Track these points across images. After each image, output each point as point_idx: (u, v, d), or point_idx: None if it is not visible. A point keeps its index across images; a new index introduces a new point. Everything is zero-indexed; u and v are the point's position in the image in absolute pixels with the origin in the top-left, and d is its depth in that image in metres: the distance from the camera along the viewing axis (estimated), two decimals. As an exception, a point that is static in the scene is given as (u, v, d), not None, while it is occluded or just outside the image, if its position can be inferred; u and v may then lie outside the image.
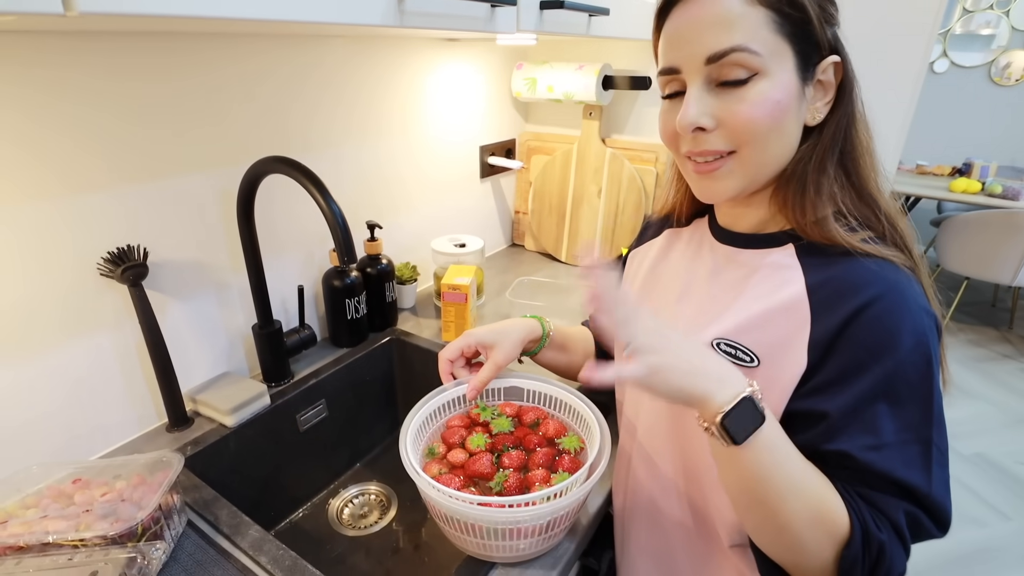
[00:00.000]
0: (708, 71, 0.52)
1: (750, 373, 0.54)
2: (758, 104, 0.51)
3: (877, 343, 0.49)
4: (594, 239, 1.44)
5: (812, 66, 0.53)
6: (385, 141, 1.13)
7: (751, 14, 0.50)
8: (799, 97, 0.53)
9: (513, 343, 0.74)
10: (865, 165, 0.56)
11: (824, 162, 0.55)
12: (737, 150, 0.54)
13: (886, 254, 0.53)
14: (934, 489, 0.50)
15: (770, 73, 0.51)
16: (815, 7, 0.51)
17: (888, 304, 0.50)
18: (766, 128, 0.52)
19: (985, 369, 2.92)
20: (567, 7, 0.81)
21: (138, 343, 0.79)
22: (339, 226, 0.70)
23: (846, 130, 0.55)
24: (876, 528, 0.49)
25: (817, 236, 0.55)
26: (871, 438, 0.49)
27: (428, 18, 0.64)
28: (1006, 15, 3.83)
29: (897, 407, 0.49)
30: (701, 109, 0.53)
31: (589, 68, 1.28)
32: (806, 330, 0.52)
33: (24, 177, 0.66)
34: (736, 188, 0.56)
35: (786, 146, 0.55)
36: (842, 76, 0.55)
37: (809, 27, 0.51)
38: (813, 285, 0.53)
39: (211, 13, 0.46)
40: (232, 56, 0.83)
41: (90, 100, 0.69)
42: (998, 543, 1.89)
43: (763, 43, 0.50)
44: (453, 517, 0.56)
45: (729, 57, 0.50)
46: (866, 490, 0.50)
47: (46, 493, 0.63)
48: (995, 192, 2.99)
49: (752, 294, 0.57)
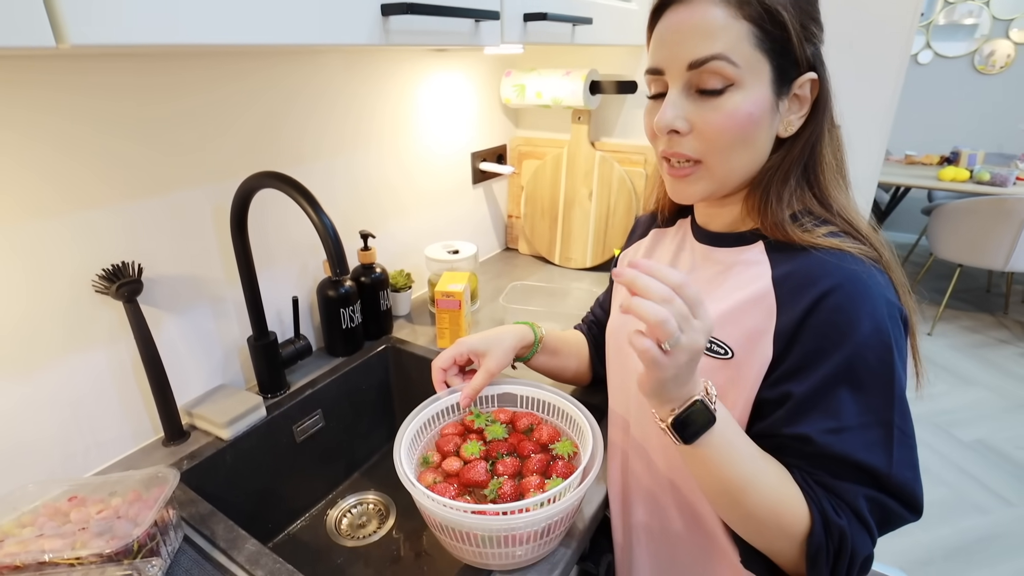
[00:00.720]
0: (689, 76, 0.54)
1: (725, 365, 0.58)
2: (730, 115, 0.53)
3: (836, 330, 0.52)
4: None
5: (789, 81, 0.55)
6: (376, 151, 1.14)
7: (734, 27, 0.52)
8: (772, 111, 0.55)
9: (505, 350, 0.74)
10: (828, 175, 0.59)
11: (788, 173, 0.58)
12: (704, 159, 0.57)
13: (846, 246, 0.55)
14: (894, 470, 0.51)
15: (746, 86, 0.53)
16: (796, 26, 0.53)
17: (846, 292, 0.52)
18: (735, 139, 0.55)
19: (982, 355, 2.93)
20: (550, 19, 0.82)
21: (133, 358, 0.80)
22: (331, 238, 0.71)
23: (814, 144, 0.58)
24: (835, 515, 0.51)
25: (778, 235, 0.58)
26: (831, 422, 0.52)
27: (413, 35, 0.65)
28: (987, 5, 3.86)
29: (858, 391, 0.52)
30: (677, 113, 0.55)
31: (576, 74, 1.29)
32: (772, 321, 0.55)
33: (22, 194, 0.66)
34: (705, 192, 0.59)
35: (755, 156, 0.57)
36: (818, 93, 0.57)
37: (788, 44, 0.53)
38: (778, 278, 0.56)
39: (204, 40, 0.46)
40: (223, 73, 0.84)
41: (86, 119, 0.70)
42: (1002, 529, 1.89)
43: (742, 56, 0.52)
44: (448, 526, 0.57)
45: (709, 65, 0.52)
46: (826, 477, 0.52)
47: (42, 511, 0.63)
48: (983, 179, 3.01)
49: (726, 289, 0.60)
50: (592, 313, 0.93)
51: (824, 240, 0.55)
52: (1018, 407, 2.53)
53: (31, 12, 0.37)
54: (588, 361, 0.88)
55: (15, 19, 0.37)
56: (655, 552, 0.71)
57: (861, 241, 0.57)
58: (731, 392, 0.58)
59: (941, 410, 2.51)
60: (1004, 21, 3.84)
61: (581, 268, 1.47)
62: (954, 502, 2.01)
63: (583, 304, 1.23)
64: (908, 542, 1.83)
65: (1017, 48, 3.86)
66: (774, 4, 0.52)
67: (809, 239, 0.55)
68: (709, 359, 0.59)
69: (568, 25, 0.94)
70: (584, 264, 1.47)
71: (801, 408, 0.53)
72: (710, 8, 0.52)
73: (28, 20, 0.37)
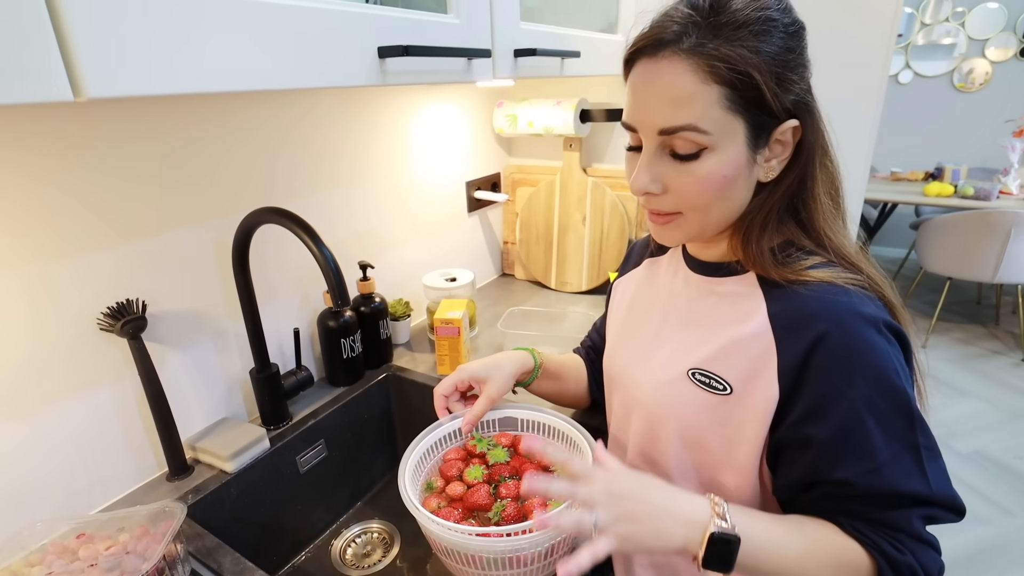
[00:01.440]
0: (661, 140, 0.55)
1: (724, 401, 0.58)
2: (704, 179, 0.54)
3: (844, 369, 0.52)
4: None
5: (767, 132, 0.55)
6: (372, 183, 1.17)
7: (704, 93, 0.51)
8: (748, 165, 0.56)
9: (506, 376, 0.76)
10: (817, 211, 0.59)
11: (768, 216, 0.58)
12: (683, 212, 0.58)
13: (833, 277, 0.55)
14: (934, 488, 0.53)
15: (719, 149, 0.54)
16: (770, 79, 0.52)
17: (843, 330, 0.52)
18: (711, 198, 0.56)
19: (976, 366, 2.96)
20: (540, 54, 0.86)
21: (137, 394, 0.81)
22: (331, 270, 0.73)
23: (799, 185, 0.58)
24: (898, 552, 0.52)
25: (759, 271, 0.59)
26: (868, 462, 0.52)
27: (408, 75, 0.68)
28: (962, 26, 3.99)
29: (881, 423, 0.52)
30: (651, 176, 0.56)
31: (567, 103, 1.33)
32: (773, 359, 0.55)
33: (26, 236, 0.68)
34: (686, 237, 0.61)
35: (733, 206, 0.58)
36: (801, 136, 0.56)
37: (762, 100, 0.53)
38: (774, 314, 0.56)
39: (215, 88, 0.49)
40: (221, 111, 0.86)
41: (89, 161, 0.72)
42: (1004, 540, 1.90)
43: (714, 122, 0.52)
44: (454, 550, 0.58)
45: (680, 134, 0.53)
46: (878, 512, 0.53)
47: (50, 550, 0.63)
48: (967, 194, 3.08)
49: (721, 322, 0.61)
50: (589, 338, 0.94)
51: (810, 274, 0.56)
52: (1014, 417, 2.54)
53: (50, 67, 0.39)
54: (587, 385, 0.89)
55: (36, 75, 0.39)
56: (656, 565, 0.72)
57: (850, 269, 0.58)
58: (731, 429, 0.58)
59: (938, 422, 2.52)
60: (979, 41, 3.97)
61: (577, 292, 1.50)
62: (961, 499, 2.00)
63: (580, 327, 1.25)
64: (913, 557, 1.83)
65: (994, 66, 3.98)
66: (744, 66, 0.51)
67: (792, 276, 0.56)
68: (708, 394, 0.59)
69: (557, 59, 0.98)
70: (580, 288, 1.49)
71: (833, 452, 0.53)
72: (679, 73, 0.52)
73: (48, 75, 0.39)
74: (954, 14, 4.00)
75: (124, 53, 0.43)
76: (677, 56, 0.52)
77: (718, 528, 0.49)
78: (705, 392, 0.59)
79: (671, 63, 0.52)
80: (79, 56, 0.40)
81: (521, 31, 0.87)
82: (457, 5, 0.74)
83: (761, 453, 0.58)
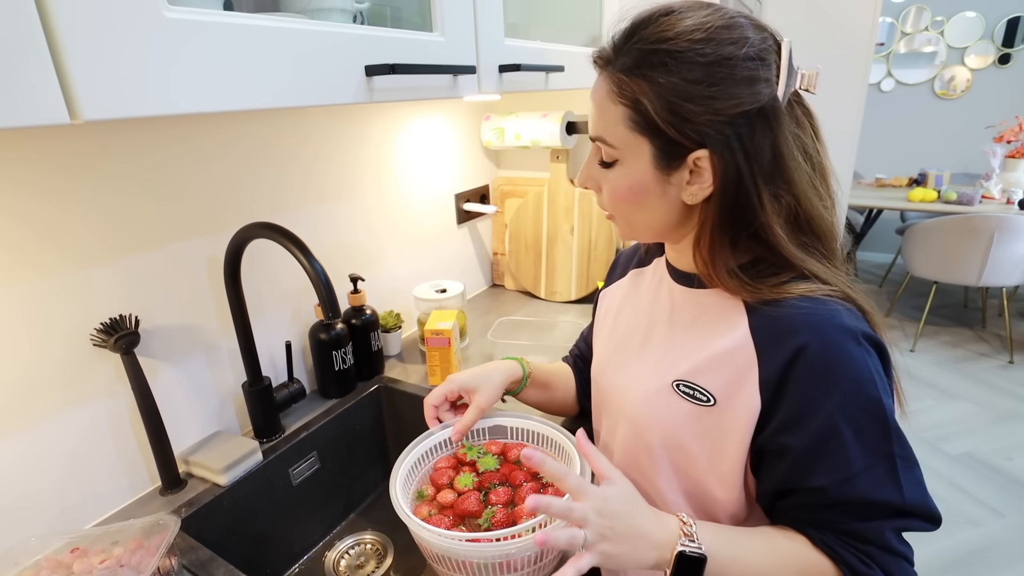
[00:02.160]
0: (594, 145, 0.62)
1: (708, 412, 0.60)
2: (614, 187, 0.61)
3: (822, 380, 0.54)
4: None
5: (679, 157, 0.55)
6: (361, 197, 1.19)
7: (612, 111, 0.58)
8: (659, 182, 0.58)
9: (495, 386, 0.77)
10: (776, 233, 0.57)
11: (710, 236, 0.58)
12: (613, 215, 0.65)
13: (812, 291, 0.56)
14: (907, 498, 0.54)
15: (625, 163, 0.59)
16: (660, 108, 0.53)
17: (823, 342, 0.54)
18: (626, 205, 0.62)
19: (964, 369, 2.99)
20: (524, 69, 0.88)
21: (130, 409, 0.82)
22: (322, 283, 0.74)
23: (738, 210, 0.56)
24: (866, 567, 0.54)
25: (730, 289, 0.59)
26: (842, 471, 0.54)
27: (396, 92, 0.70)
28: (941, 35, 4.08)
29: (857, 433, 0.54)
30: (588, 174, 0.64)
31: (553, 116, 1.36)
32: (755, 371, 0.56)
33: (21, 252, 0.69)
34: (629, 237, 0.67)
35: (655, 216, 0.62)
36: (720, 167, 0.55)
37: (656, 126, 0.55)
38: (755, 326, 0.58)
39: (209, 108, 0.50)
40: (209, 127, 0.88)
41: (84, 178, 0.74)
42: (995, 540, 1.92)
43: (619, 138, 0.58)
44: (445, 556, 0.59)
45: (595, 143, 0.61)
46: (851, 522, 0.55)
47: (44, 565, 0.64)
48: (950, 199, 3.13)
49: (705, 334, 0.62)
50: (577, 347, 0.96)
51: (787, 290, 0.56)
52: (1002, 419, 2.57)
53: (47, 92, 0.41)
54: (575, 393, 0.91)
55: (32, 99, 0.40)
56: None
57: (823, 280, 0.58)
58: (715, 439, 0.60)
59: (927, 425, 2.55)
60: (959, 49, 4.06)
61: (566, 301, 1.52)
62: (947, 515, 2.02)
63: (570, 336, 1.26)
64: (905, 559, 1.84)
65: (974, 73, 4.06)
66: (636, 94, 0.55)
67: (770, 295, 0.56)
68: (692, 405, 0.60)
69: (542, 73, 1.00)
70: (569, 297, 1.51)
71: (809, 461, 0.54)
72: (601, 87, 0.59)
73: (45, 99, 0.41)
74: (933, 23, 4.10)
75: (118, 76, 0.44)
76: (602, 74, 0.59)
77: (685, 548, 0.52)
78: (689, 403, 0.61)
79: (600, 79, 0.60)
80: (75, 80, 0.41)
81: (505, 47, 0.89)
82: (442, 23, 0.77)
83: (745, 462, 0.60)
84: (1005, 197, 3.09)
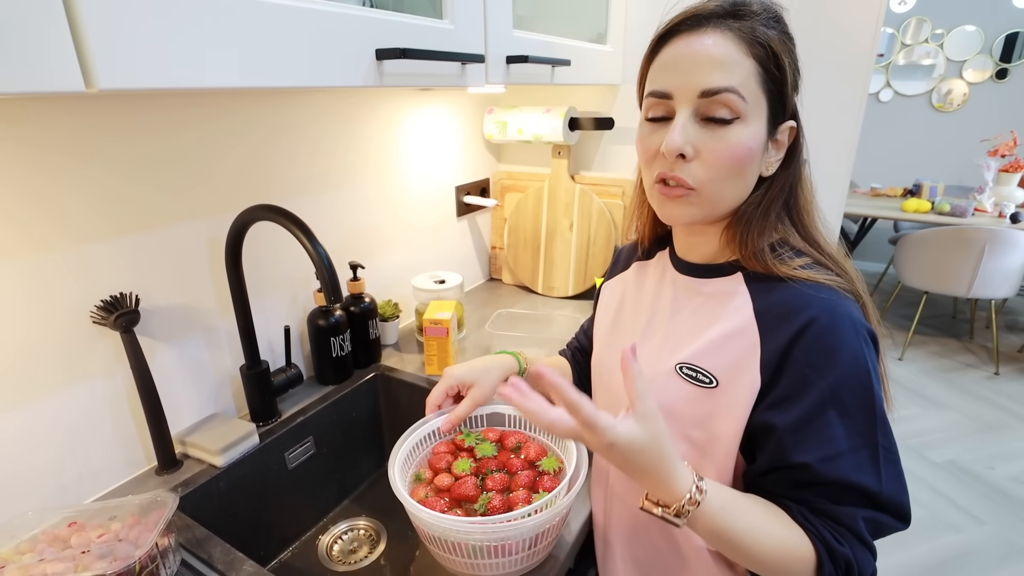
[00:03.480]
0: (698, 104, 0.57)
1: (711, 394, 0.60)
2: (734, 146, 0.57)
3: (819, 360, 0.55)
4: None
5: (776, 125, 0.60)
6: (363, 186, 1.19)
7: (745, 63, 0.56)
8: (763, 148, 0.60)
9: (492, 381, 0.78)
10: (808, 212, 0.65)
11: (768, 209, 0.62)
12: (699, 188, 0.59)
13: (821, 278, 0.59)
14: (885, 487, 0.55)
15: (749, 121, 0.57)
16: (792, 73, 0.59)
17: (825, 323, 0.56)
18: (733, 169, 0.58)
19: (950, 379, 3.03)
20: (531, 61, 0.88)
21: (128, 388, 0.82)
22: (325, 267, 0.74)
23: (792, 185, 0.63)
24: (838, 544, 0.54)
25: (757, 267, 0.61)
26: (827, 449, 0.55)
27: (404, 77, 0.71)
28: (940, 48, 4.12)
29: (845, 416, 0.55)
30: (686, 137, 0.57)
31: (556, 111, 1.36)
32: (757, 351, 0.58)
33: (24, 228, 0.69)
34: (693, 217, 0.62)
35: (742, 189, 0.61)
36: (794, 139, 0.63)
37: (784, 88, 0.58)
38: (760, 310, 0.59)
39: (223, 84, 0.51)
40: (210, 112, 0.88)
41: (89, 157, 0.74)
42: (975, 547, 1.94)
43: (750, 92, 0.56)
44: (441, 537, 0.59)
45: (721, 96, 0.56)
46: (827, 504, 0.56)
47: (41, 538, 0.64)
48: (944, 210, 3.16)
49: (708, 320, 0.63)
50: (577, 340, 0.96)
51: (800, 272, 0.59)
52: (985, 429, 2.61)
53: (63, 58, 0.41)
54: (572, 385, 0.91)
55: (49, 65, 0.40)
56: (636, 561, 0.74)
57: (834, 271, 0.61)
58: (718, 420, 0.61)
59: (913, 432, 2.58)
60: (957, 62, 4.10)
61: (564, 296, 1.52)
62: (929, 521, 2.06)
63: (567, 330, 1.27)
64: (887, 562, 1.87)
65: (971, 87, 4.11)
66: (779, 50, 0.57)
67: (786, 271, 0.59)
68: (694, 387, 0.62)
69: (548, 67, 1.01)
70: (566, 293, 1.52)
71: (796, 437, 0.56)
72: (725, 42, 0.56)
73: (61, 66, 0.41)
74: (933, 36, 4.13)
75: (134, 47, 0.44)
76: (720, 29, 0.57)
77: (692, 495, 0.52)
78: (691, 385, 0.62)
79: (716, 33, 0.57)
80: (92, 49, 0.42)
81: (514, 38, 0.90)
82: (453, 11, 0.77)
83: (738, 443, 0.60)
84: (997, 211, 3.12)
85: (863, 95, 1.49)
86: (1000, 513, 2.09)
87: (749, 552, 0.54)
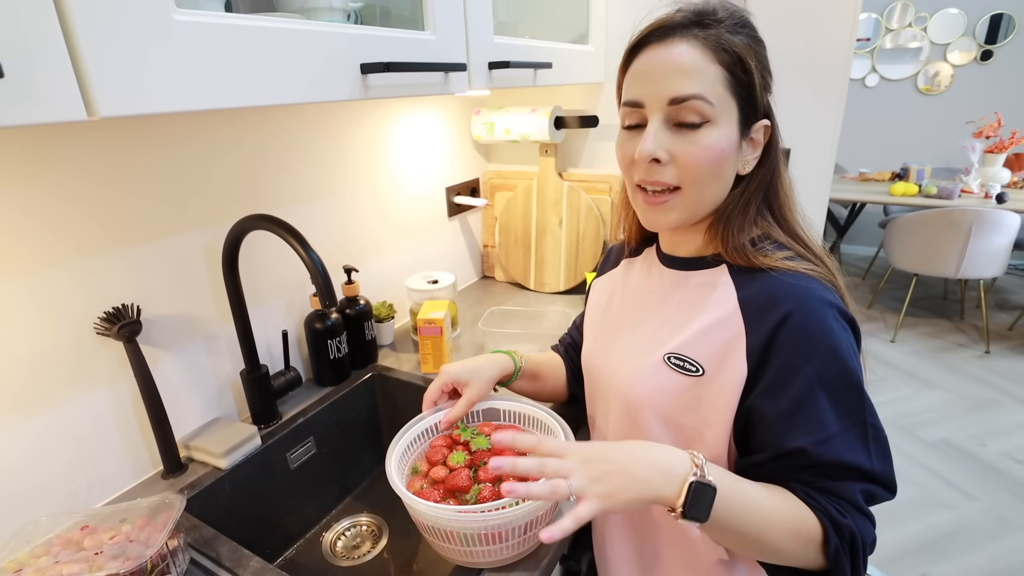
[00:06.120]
0: (668, 111, 0.60)
1: (697, 382, 0.63)
2: (706, 148, 0.60)
3: (803, 347, 0.58)
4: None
5: (749, 125, 0.63)
6: (353, 191, 1.21)
7: (710, 70, 0.59)
8: (737, 149, 0.63)
9: (487, 380, 0.80)
10: (788, 207, 0.68)
11: (748, 205, 0.65)
12: (682, 187, 0.63)
13: (802, 268, 0.62)
14: (875, 464, 0.59)
15: (719, 123, 0.60)
16: (760, 75, 0.62)
17: (807, 311, 0.59)
18: (709, 170, 0.62)
19: (942, 359, 3.07)
20: (513, 66, 0.91)
21: (133, 396, 0.84)
22: (319, 273, 0.77)
23: (770, 181, 0.67)
24: (841, 516, 0.57)
25: (739, 260, 0.64)
26: (819, 433, 0.58)
27: (389, 89, 0.73)
28: (924, 31, 4.15)
29: (833, 399, 0.58)
30: (658, 143, 0.61)
31: (541, 111, 1.39)
32: (742, 340, 0.61)
33: (29, 243, 0.71)
34: (678, 220, 0.66)
35: (721, 188, 0.65)
36: (769, 138, 0.66)
37: (752, 91, 0.62)
38: (744, 300, 0.62)
39: (216, 105, 0.53)
40: (209, 123, 0.90)
41: (89, 172, 0.76)
42: (967, 522, 1.99)
43: (717, 97, 0.60)
44: (435, 526, 0.63)
45: (689, 103, 0.59)
46: (826, 481, 0.58)
47: (55, 542, 0.66)
48: (931, 193, 3.20)
49: (695, 311, 0.66)
50: (569, 335, 0.99)
51: (782, 263, 0.62)
52: (977, 407, 2.65)
53: (67, 90, 0.44)
54: (565, 381, 0.94)
55: (51, 97, 0.43)
56: (633, 548, 0.77)
57: (813, 262, 0.64)
58: (705, 408, 0.63)
59: (905, 412, 2.62)
60: (942, 45, 4.13)
61: (555, 292, 1.55)
62: (922, 499, 2.10)
63: (559, 325, 1.30)
64: (881, 539, 1.91)
65: (956, 69, 4.14)
66: (745, 54, 0.60)
67: (768, 262, 0.62)
68: (682, 376, 0.64)
69: (530, 70, 1.03)
70: (558, 288, 1.55)
71: (788, 423, 0.58)
72: (691, 50, 0.59)
73: (64, 98, 0.44)
74: (917, 19, 4.16)
75: (131, 76, 0.47)
76: (687, 38, 0.60)
77: (697, 477, 0.53)
78: (679, 375, 0.65)
79: (683, 43, 0.60)
80: (92, 80, 0.44)
81: (495, 45, 0.92)
82: (434, 22, 0.80)
83: (730, 431, 0.63)
84: (984, 191, 3.16)
85: (844, 80, 1.52)
86: (992, 489, 2.14)
87: (767, 536, 0.56)
